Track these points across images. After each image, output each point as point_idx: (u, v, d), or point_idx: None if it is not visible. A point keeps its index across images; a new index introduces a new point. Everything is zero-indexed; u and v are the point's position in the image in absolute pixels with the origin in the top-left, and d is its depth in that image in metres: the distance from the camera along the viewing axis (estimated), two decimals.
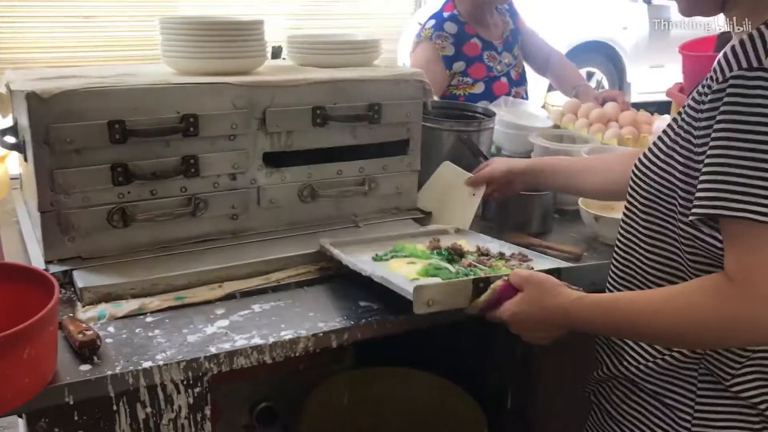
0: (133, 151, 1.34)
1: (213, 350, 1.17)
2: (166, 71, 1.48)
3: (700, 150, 0.95)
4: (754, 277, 0.87)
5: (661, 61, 6.73)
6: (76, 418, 1.11)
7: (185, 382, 1.16)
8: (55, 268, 1.33)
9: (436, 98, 2.22)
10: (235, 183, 1.46)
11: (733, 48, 0.92)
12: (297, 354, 1.24)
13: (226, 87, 1.40)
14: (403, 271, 1.31)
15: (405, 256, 1.37)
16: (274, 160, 1.50)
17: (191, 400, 1.18)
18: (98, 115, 1.29)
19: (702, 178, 0.92)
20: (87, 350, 1.12)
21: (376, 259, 1.39)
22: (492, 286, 1.16)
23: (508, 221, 1.66)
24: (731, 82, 0.90)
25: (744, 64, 0.90)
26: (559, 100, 2.67)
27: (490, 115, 1.88)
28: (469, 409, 1.46)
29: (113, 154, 1.33)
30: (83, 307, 1.27)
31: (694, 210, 0.92)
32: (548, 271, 1.21)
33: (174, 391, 1.16)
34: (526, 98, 2.65)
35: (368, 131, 1.57)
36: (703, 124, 0.94)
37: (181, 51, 1.45)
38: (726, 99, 0.90)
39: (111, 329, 1.21)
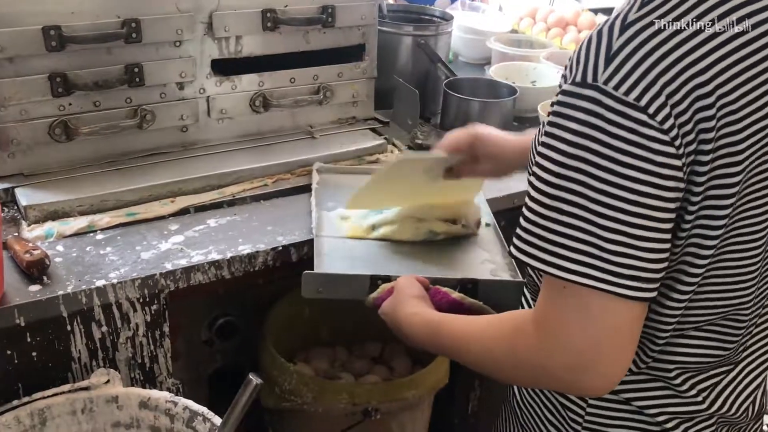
0: (72, 59, 1.26)
1: (169, 267, 1.14)
2: None
3: None
4: (548, 326, 0.76)
5: None
6: (29, 339, 1.07)
7: (141, 300, 1.13)
8: None
9: (391, 0, 2.15)
10: (183, 93, 1.39)
11: (588, 40, 0.73)
12: (256, 268, 1.21)
13: None
14: (353, 230, 1.27)
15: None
16: (223, 67, 1.42)
17: (148, 318, 1.16)
18: (31, 19, 1.20)
19: (523, 207, 0.78)
20: (35, 270, 1.07)
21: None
22: (382, 285, 1.10)
23: None
24: (559, 97, 0.73)
25: (579, 76, 0.71)
26: (516, 3, 2.61)
27: (448, 18, 1.82)
28: None
29: (51, 63, 1.24)
30: (29, 225, 1.21)
31: (512, 243, 0.79)
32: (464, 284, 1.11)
33: (130, 309, 1.13)
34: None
35: (322, 36, 1.50)
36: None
37: None
38: (550, 118, 0.74)
39: (60, 248, 1.17)
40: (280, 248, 1.22)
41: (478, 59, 2.13)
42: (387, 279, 1.11)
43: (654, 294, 0.74)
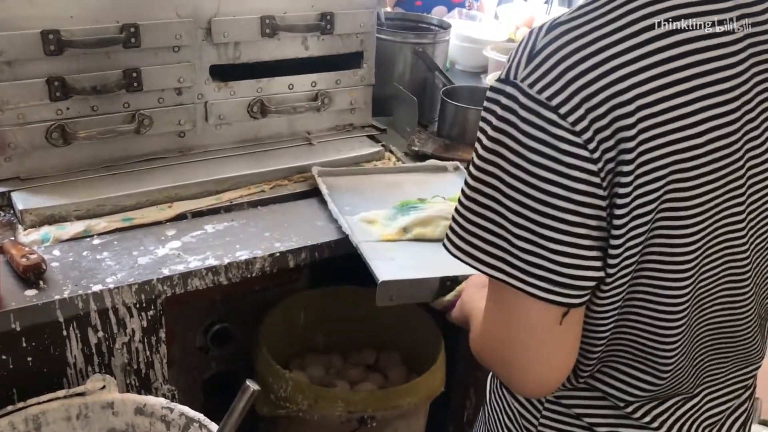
0: (70, 63, 1.25)
1: (166, 272, 1.14)
2: None
3: None
4: (483, 320, 0.80)
5: None
6: (24, 344, 1.07)
7: (138, 305, 1.13)
8: None
9: (389, 9, 2.16)
10: (181, 98, 1.39)
11: (522, 39, 0.73)
12: (253, 274, 1.21)
13: None
14: (381, 231, 1.28)
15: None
16: (221, 73, 1.42)
17: (145, 324, 1.15)
18: (30, 23, 1.20)
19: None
20: (32, 274, 1.07)
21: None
22: (458, 287, 1.11)
23: (465, 136, 1.64)
24: (486, 93, 0.74)
25: (504, 73, 0.72)
26: (512, 12, 2.62)
27: (446, 27, 1.83)
28: (425, 326, 1.47)
29: (49, 67, 1.24)
30: (25, 230, 1.21)
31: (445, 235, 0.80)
32: None
33: (126, 315, 1.13)
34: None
35: (320, 43, 1.50)
36: None
37: None
38: (481, 113, 0.74)
39: (56, 252, 1.16)
40: (278, 254, 1.22)
41: (475, 67, 2.13)
42: (455, 279, 1.12)
43: (572, 300, 0.72)
